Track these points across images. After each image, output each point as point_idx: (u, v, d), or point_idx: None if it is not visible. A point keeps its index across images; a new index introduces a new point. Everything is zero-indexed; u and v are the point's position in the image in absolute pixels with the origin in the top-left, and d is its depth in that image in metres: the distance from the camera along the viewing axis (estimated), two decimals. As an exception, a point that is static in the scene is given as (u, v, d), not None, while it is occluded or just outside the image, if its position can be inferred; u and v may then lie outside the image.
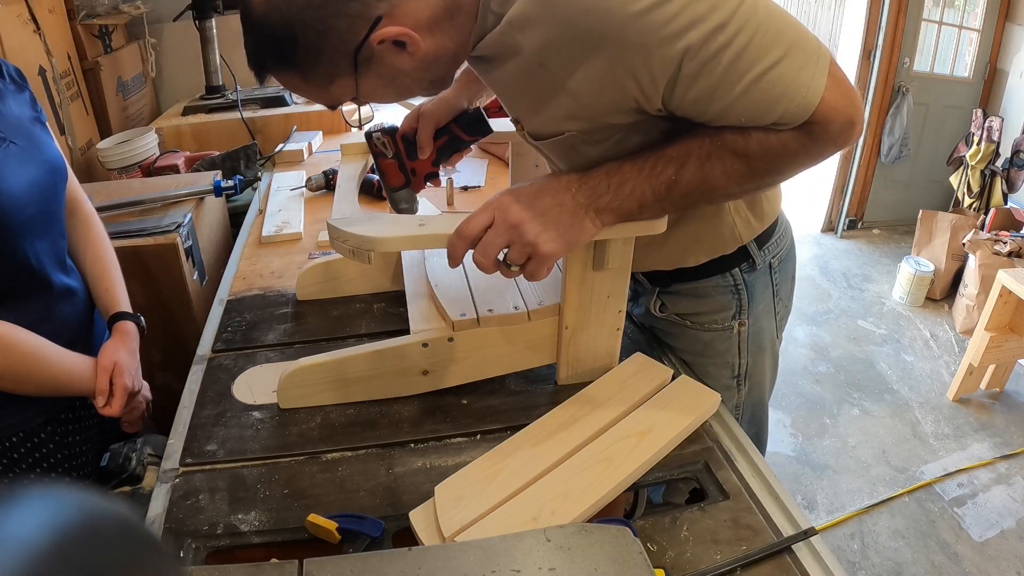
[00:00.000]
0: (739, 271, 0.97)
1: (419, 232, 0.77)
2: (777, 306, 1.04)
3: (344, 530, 0.71)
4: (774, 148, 0.70)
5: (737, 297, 0.99)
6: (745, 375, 1.05)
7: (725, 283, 0.98)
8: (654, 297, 1.04)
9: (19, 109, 0.99)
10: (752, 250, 0.97)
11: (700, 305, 1.00)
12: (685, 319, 1.02)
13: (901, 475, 2.19)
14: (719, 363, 1.04)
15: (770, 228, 0.98)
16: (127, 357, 1.04)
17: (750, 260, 0.97)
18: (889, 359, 2.82)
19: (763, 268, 0.99)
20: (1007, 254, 2.80)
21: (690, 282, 0.99)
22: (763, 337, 1.04)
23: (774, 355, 1.09)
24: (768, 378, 1.10)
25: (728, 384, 1.05)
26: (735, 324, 1.01)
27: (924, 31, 3.58)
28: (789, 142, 0.69)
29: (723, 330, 1.01)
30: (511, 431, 0.86)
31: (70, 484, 0.69)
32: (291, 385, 0.90)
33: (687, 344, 1.05)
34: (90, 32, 2.16)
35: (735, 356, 1.03)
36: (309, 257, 1.38)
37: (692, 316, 1.02)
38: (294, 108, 2.35)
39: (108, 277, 1.10)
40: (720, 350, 1.03)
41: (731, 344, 1.02)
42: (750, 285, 0.99)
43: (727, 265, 0.97)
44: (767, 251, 0.98)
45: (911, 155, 3.75)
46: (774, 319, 1.05)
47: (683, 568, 0.67)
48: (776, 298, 1.03)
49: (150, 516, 0.75)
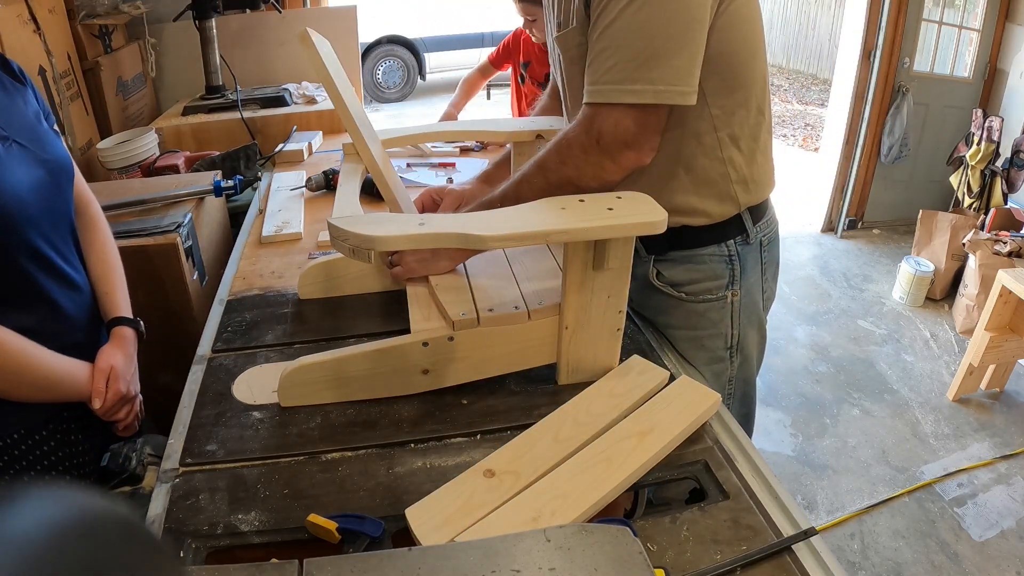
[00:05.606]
0: (734, 243, 1.06)
1: (419, 231, 0.77)
2: (764, 285, 1.12)
3: (344, 530, 0.71)
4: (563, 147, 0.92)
5: (731, 267, 1.06)
6: (737, 346, 1.11)
7: (720, 253, 1.06)
8: (651, 265, 1.09)
9: (23, 107, 0.99)
10: (746, 221, 1.05)
11: (695, 272, 1.07)
12: (680, 289, 1.08)
13: (901, 475, 2.19)
14: (713, 333, 1.10)
15: (762, 206, 1.08)
16: (123, 362, 1.04)
17: (744, 234, 1.05)
18: (889, 359, 2.83)
19: (755, 244, 1.07)
20: (1007, 254, 2.80)
21: (687, 249, 1.06)
22: (752, 310, 1.11)
23: (762, 332, 1.16)
24: (756, 354, 1.16)
25: (722, 356, 1.11)
26: (728, 294, 1.07)
27: (924, 31, 3.58)
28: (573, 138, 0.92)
29: (716, 300, 1.08)
30: (511, 431, 0.86)
31: (70, 483, 0.69)
32: (292, 383, 0.90)
33: (681, 319, 1.10)
34: (90, 32, 2.16)
35: (728, 326, 1.09)
36: (309, 257, 1.38)
37: (687, 285, 1.08)
38: (294, 108, 2.35)
39: (110, 280, 1.10)
40: (714, 319, 1.09)
41: (724, 314, 1.09)
42: (743, 257, 1.06)
43: (723, 236, 1.05)
44: (759, 228, 1.07)
45: (911, 155, 3.75)
46: (761, 296, 1.12)
47: (683, 568, 0.67)
48: (763, 276, 1.11)
49: (150, 516, 0.75)
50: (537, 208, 0.83)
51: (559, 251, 1.01)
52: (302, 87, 2.49)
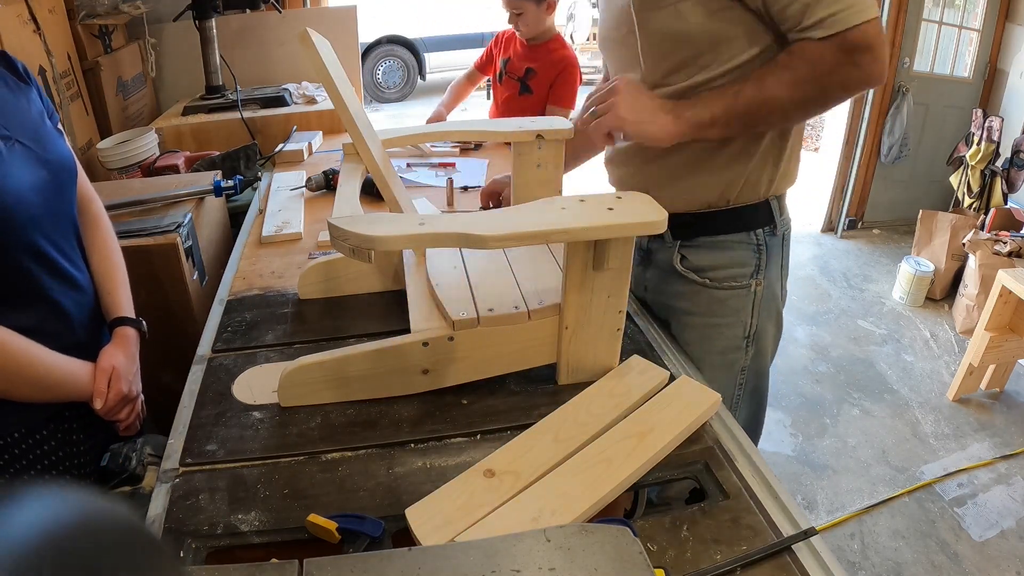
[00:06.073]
0: (763, 232, 1.06)
1: (419, 231, 0.77)
2: (783, 280, 1.12)
3: (344, 530, 0.71)
4: (814, 59, 0.85)
5: (757, 256, 1.07)
6: (753, 337, 1.11)
7: (748, 240, 1.06)
8: (676, 251, 1.10)
9: (27, 107, 0.99)
10: (775, 209, 1.06)
11: (721, 258, 1.07)
12: (704, 275, 1.08)
13: (901, 475, 2.19)
14: (732, 321, 1.09)
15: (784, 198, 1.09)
16: (125, 362, 1.04)
17: (772, 224, 1.06)
18: (889, 359, 2.82)
19: (779, 236, 1.07)
20: (1007, 254, 2.80)
21: (715, 235, 1.06)
22: (772, 302, 1.11)
23: (779, 326, 1.16)
24: (770, 347, 1.16)
25: (738, 344, 1.11)
26: (752, 283, 1.08)
27: (924, 31, 3.58)
28: (827, 54, 0.84)
29: (740, 287, 1.08)
30: (511, 431, 0.86)
31: (70, 483, 0.69)
32: (292, 383, 0.90)
33: (701, 305, 1.10)
34: (90, 32, 2.16)
35: (748, 315, 1.09)
36: (309, 257, 1.38)
37: (711, 271, 1.08)
38: (294, 108, 2.35)
39: (112, 279, 1.10)
40: (735, 308, 1.09)
41: (746, 303, 1.08)
42: (770, 247, 1.07)
43: (752, 223, 1.06)
44: (783, 222, 1.08)
45: (911, 155, 3.75)
46: (780, 290, 1.12)
47: (683, 568, 0.67)
48: (782, 271, 1.11)
49: (150, 516, 0.75)
50: (537, 208, 0.83)
51: (559, 251, 1.01)
52: (302, 87, 2.49)
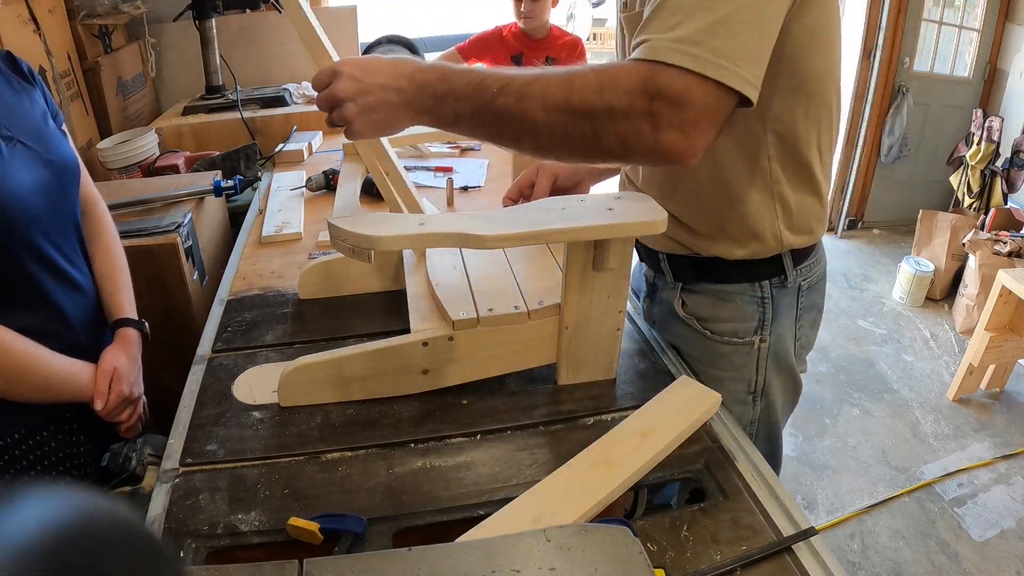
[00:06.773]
0: (768, 284, 0.96)
1: (419, 231, 0.77)
2: (798, 332, 1.01)
3: (326, 530, 0.71)
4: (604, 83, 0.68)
5: (762, 310, 0.97)
6: (761, 392, 1.03)
7: (753, 293, 0.97)
8: (677, 293, 1.03)
9: (30, 107, 0.99)
10: (786, 263, 0.95)
11: (723, 310, 0.99)
12: (705, 327, 1.00)
13: (901, 475, 2.19)
14: (735, 377, 1.01)
15: (808, 249, 0.97)
16: (127, 363, 1.04)
17: (782, 276, 0.96)
18: (889, 359, 2.83)
19: (792, 288, 0.97)
20: (1007, 254, 2.80)
21: (718, 283, 0.98)
22: (782, 357, 1.01)
23: (794, 380, 1.06)
24: (781, 400, 1.06)
25: (743, 399, 1.03)
26: (755, 339, 0.98)
27: (924, 31, 3.58)
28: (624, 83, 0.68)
29: (743, 344, 0.99)
30: (511, 431, 0.86)
31: (70, 483, 0.69)
32: (291, 383, 0.90)
33: (702, 354, 1.02)
34: (90, 32, 2.16)
35: (751, 372, 1.01)
36: (309, 257, 1.38)
37: (712, 323, 1.00)
38: (294, 108, 2.35)
39: (114, 280, 1.10)
40: (737, 364, 1.00)
41: (749, 359, 1.00)
42: (776, 301, 0.97)
43: (759, 275, 0.96)
44: (800, 272, 0.97)
45: (911, 155, 3.75)
46: (794, 343, 1.02)
47: (683, 568, 0.67)
48: (797, 323, 1.00)
49: (150, 516, 0.75)
50: (537, 208, 0.83)
51: (559, 251, 1.01)
52: (302, 87, 2.49)
